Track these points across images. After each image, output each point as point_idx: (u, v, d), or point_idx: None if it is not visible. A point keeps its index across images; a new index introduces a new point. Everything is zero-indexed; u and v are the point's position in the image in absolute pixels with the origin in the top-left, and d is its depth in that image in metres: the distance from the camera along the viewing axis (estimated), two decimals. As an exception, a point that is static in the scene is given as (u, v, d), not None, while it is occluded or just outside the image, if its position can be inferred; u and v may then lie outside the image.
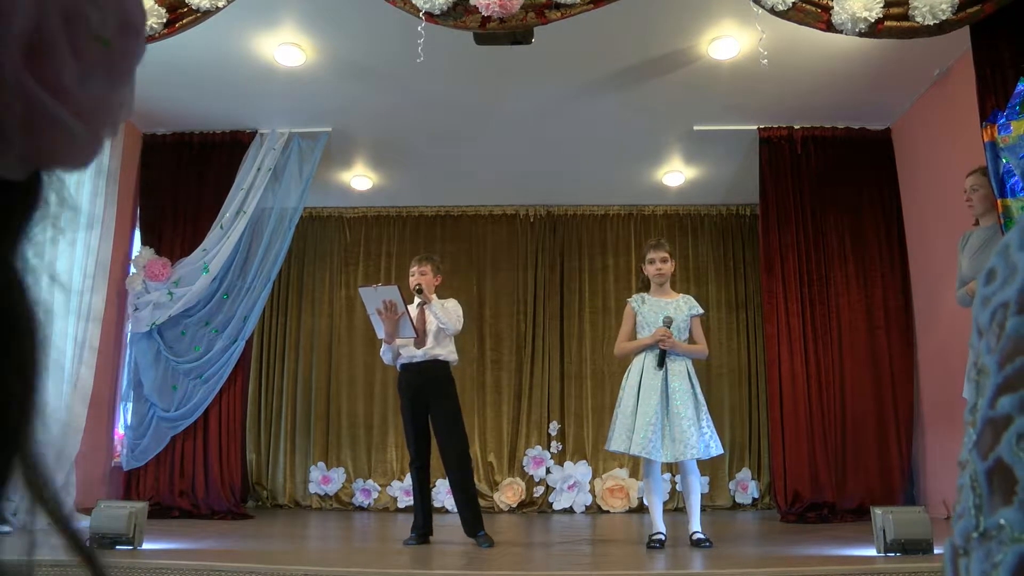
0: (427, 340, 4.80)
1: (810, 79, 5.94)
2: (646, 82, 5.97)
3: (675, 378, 4.63)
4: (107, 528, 3.98)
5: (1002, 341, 0.34)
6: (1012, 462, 0.32)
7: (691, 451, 4.48)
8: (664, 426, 4.55)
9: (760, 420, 7.88)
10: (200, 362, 6.51)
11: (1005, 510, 0.32)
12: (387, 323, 4.67)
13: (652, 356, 4.69)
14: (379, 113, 6.49)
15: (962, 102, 5.20)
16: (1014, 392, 0.33)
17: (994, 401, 0.34)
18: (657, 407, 4.56)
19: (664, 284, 4.88)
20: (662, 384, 4.62)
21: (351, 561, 3.98)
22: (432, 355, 4.80)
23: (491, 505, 7.73)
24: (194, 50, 5.47)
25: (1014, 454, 0.32)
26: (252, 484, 7.96)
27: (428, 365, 4.80)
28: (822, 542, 4.64)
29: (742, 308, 8.23)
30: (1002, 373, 0.34)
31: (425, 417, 4.79)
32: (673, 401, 4.57)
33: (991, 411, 0.34)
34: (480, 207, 8.47)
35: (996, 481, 0.33)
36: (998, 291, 0.35)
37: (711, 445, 4.58)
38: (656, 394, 4.59)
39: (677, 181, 7.79)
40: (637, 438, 4.51)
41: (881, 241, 6.59)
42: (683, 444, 4.49)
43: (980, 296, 0.36)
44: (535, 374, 8.12)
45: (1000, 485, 0.32)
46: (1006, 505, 0.32)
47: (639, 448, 4.49)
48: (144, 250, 6.64)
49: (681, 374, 4.65)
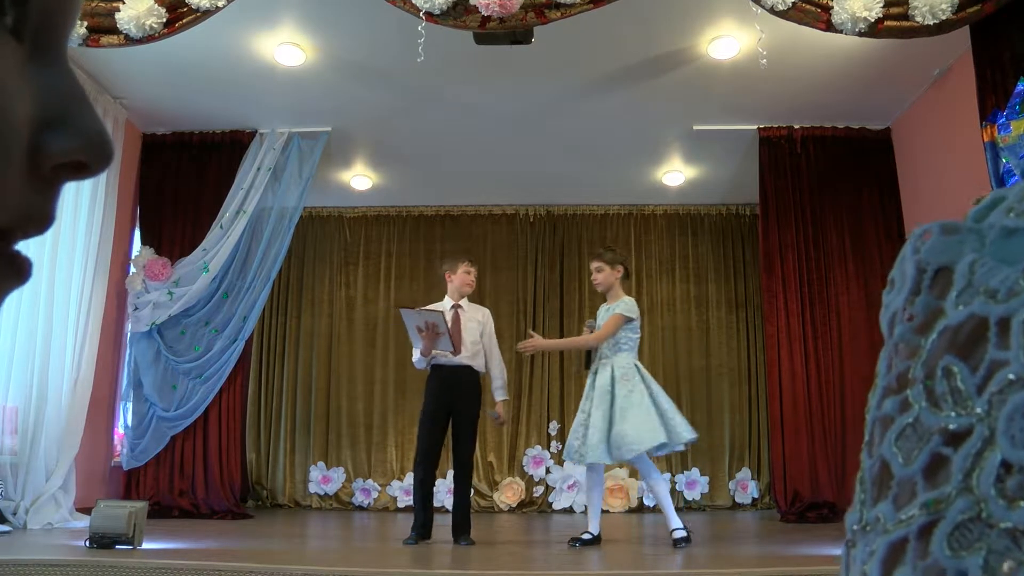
0: (463, 350, 4.82)
1: (810, 79, 5.94)
2: (646, 82, 5.97)
3: (596, 381, 4.75)
4: (107, 528, 3.97)
5: (888, 346, 0.37)
6: (890, 459, 0.34)
7: (591, 455, 4.57)
8: (586, 428, 4.66)
9: (760, 420, 7.89)
10: (200, 362, 6.51)
11: (881, 504, 0.34)
12: (427, 341, 4.69)
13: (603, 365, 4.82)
14: (379, 113, 6.48)
15: (962, 102, 5.20)
16: (896, 394, 0.35)
17: (880, 403, 0.36)
18: (582, 412, 4.73)
19: (606, 293, 4.95)
20: (588, 389, 4.77)
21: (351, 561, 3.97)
22: (467, 363, 4.82)
23: (491, 505, 7.74)
24: (194, 50, 5.47)
25: (892, 452, 0.34)
26: (252, 484, 7.96)
27: (460, 370, 4.82)
28: (822, 542, 4.64)
29: (742, 308, 8.24)
30: (889, 375, 0.36)
31: (446, 420, 4.79)
32: (595, 402, 4.68)
33: (878, 412, 0.36)
34: (480, 207, 8.47)
35: (878, 478, 0.35)
36: (893, 299, 0.37)
37: (620, 448, 4.52)
38: (586, 401, 4.76)
39: (677, 181, 7.79)
40: (569, 444, 4.75)
41: (881, 241, 6.59)
42: (592, 448, 4.58)
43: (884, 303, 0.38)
44: (535, 374, 8.13)
45: (881, 481, 0.35)
46: (883, 500, 0.34)
47: (566, 453, 4.76)
48: (144, 250, 6.64)
49: (602, 376, 4.73)
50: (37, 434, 5.35)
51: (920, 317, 0.35)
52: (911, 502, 0.32)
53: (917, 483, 0.32)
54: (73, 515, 5.49)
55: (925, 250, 0.36)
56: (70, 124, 0.40)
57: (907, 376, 0.35)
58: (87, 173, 0.42)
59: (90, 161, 0.42)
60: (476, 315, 4.97)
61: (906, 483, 0.33)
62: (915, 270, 0.36)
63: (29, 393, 5.32)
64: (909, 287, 0.36)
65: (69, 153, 0.40)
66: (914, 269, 0.36)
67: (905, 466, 0.33)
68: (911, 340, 0.35)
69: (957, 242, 0.36)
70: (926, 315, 0.35)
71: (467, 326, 4.87)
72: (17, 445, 5.26)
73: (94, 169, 0.42)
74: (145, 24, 4.56)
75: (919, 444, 0.33)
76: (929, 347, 0.34)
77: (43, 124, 0.40)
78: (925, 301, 0.35)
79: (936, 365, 0.33)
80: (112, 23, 4.63)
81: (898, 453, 0.34)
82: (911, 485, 0.33)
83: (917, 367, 0.34)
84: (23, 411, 5.31)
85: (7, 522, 5.03)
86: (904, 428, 0.34)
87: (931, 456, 0.32)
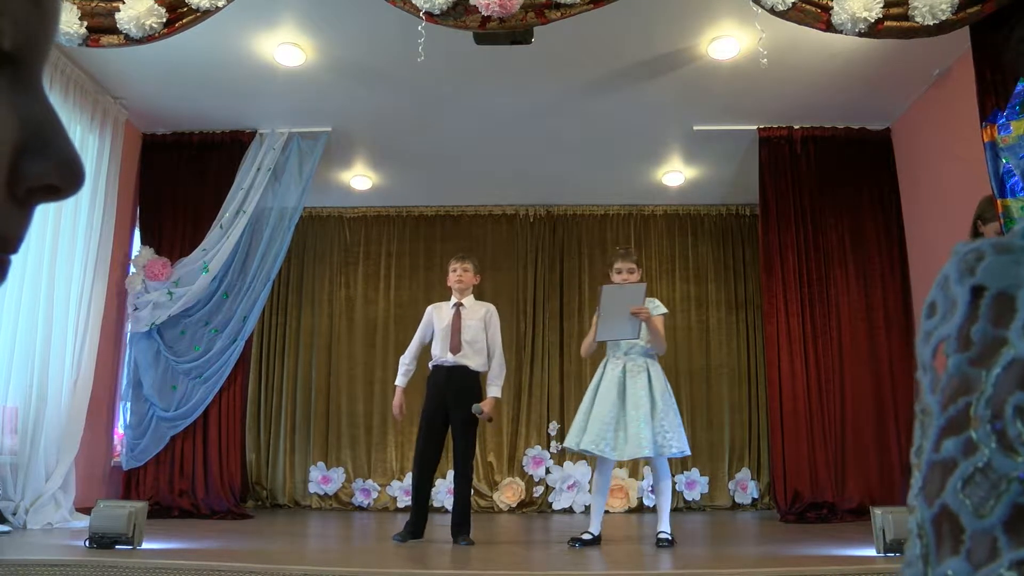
0: (461, 348, 4.82)
1: (810, 79, 5.94)
2: (646, 82, 5.98)
3: (632, 376, 4.65)
4: (107, 528, 3.97)
5: (943, 380, 0.34)
6: (958, 509, 0.31)
7: (643, 450, 4.49)
8: (619, 425, 4.57)
9: (760, 420, 7.89)
10: (200, 362, 6.50)
11: (952, 560, 0.31)
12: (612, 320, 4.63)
13: (616, 359, 4.75)
14: (379, 113, 6.49)
15: (962, 102, 5.20)
16: (957, 435, 0.32)
17: (938, 444, 0.33)
18: (612, 405, 4.60)
19: None
20: (619, 383, 4.65)
21: (351, 561, 3.97)
22: (463, 363, 4.83)
23: (491, 505, 7.74)
24: (194, 50, 5.47)
25: (959, 500, 0.31)
26: (252, 484, 7.95)
27: (458, 370, 4.83)
28: (822, 542, 4.64)
29: (742, 308, 8.24)
30: (945, 415, 0.33)
31: (444, 420, 4.80)
32: (629, 400, 4.59)
33: (935, 455, 0.33)
34: (480, 207, 8.47)
35: (942, 529, 0.32)
36: (938, 326, 0.34)
37: (671, 445, 4.54)
38: (612, 392, 4.63)
39: (677, 181, 7.79)
40: (589, 435, 4.56)
41: (881, 241, 6.59)
42: (635, 443, 4.50)
43: (922, 331, 0.35)
44: (535, 374, 8.13)
45: (947, 533, 0.31)
46: (953, 555, 0.31)
47: (590, 443, 4.53)
48: (144, 250, 6.64)
49: (638, 372, 4.67)
50: (37, 434, 5.35)
51: (978, 347, 0.32)
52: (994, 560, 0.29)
53: (998, 538, 0.30)
54: (73, 515, 5.49)
55: (982, 272, 0.33)
56: (46, 149, 0.41)
57: (968, 414, 0.32)
58: (59, 196, 0.43)
59: (63, 185, 0.42)
60: (478, 313, 4.97)
61: (982, 537, 0.30)
62: (968, 295, 0.33)
63: (29, 393, 5.32)
64: (963, 313, 0.33)
65: (43, 177, 0.41)
66: (968, 294, 0.33)
67: (979, 518, 0.30)
68: (968, 373, 0.32)
69: (1014, 262, 0.33)
70: (985, 345, 0.32)
71: (467, 324, 4.88)
72: (17, 445, 5.26)
73: (66, 193, 0.43)
74: (145, 24, 4.56)
75: (993, 493, 0.30)
76: (993, 382, 0.31)
77: (22, 149, 0.40)
78: (984, 330, 0.32)
79: (1005, 403, 0.30)
80: (112, 23, 4.63)
81: (967, 502, 0.31)
82: (990, 540, 0.30)
83: (980, 404, 0.31)
84: (23, 411, 5.31)
85: (7, 522, 5.03)
86: (971, 474, 0.31)
87: (1012, 508, 0.29)
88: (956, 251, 0.34)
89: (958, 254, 0.34)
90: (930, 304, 0.35)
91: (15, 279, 5.19)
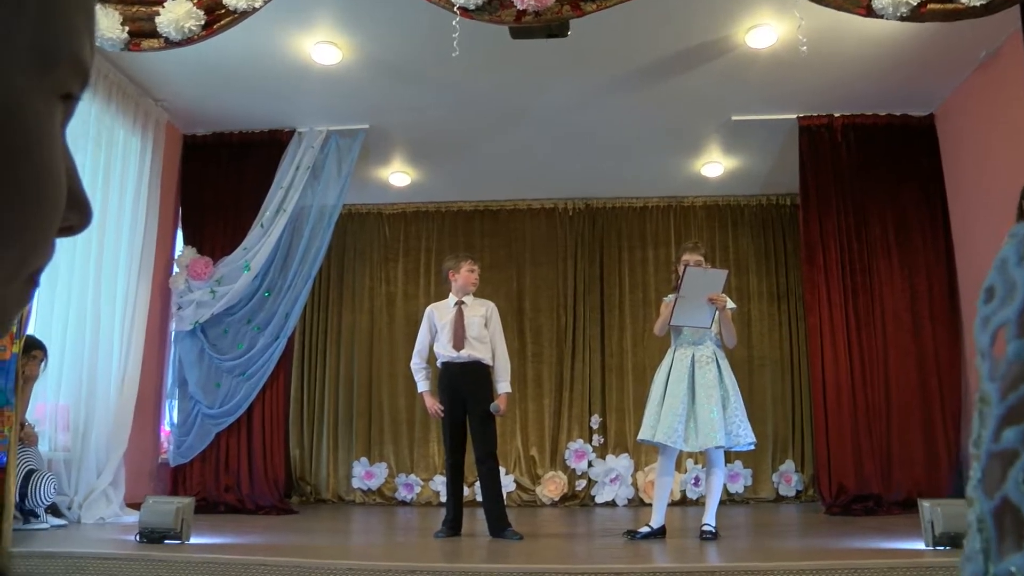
0: (465, 344, 4.84)
1: (850, 66, 5.85)
2: (683, 72, 5.92)
3: (702, 367, 4.60)
4: (156, 523, 4.04)
5: (1002, 367, 0.32)
6: (1020, 501, 0.30)
7: (716, 439, 4.44)
8: (689, 416, 4.53)
9: (803, 412, 7.81)
10: (243, 359, 6.58)
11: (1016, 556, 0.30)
12: None
13: (684, 348, 4.68)
14: (416, 109, 6.50)
15: (1010, 85, 5.08)
16: (1019, 423, 0.31)
17: (997, 434, 0.32)
18: (684, 396, 4.54)
19: None
20: (688, 374, 4.59)
21: (394, 555, 4.01)
22: (474, 357, 4.85)
23: (533, 499, 7.75)
24: (232, 51, 5.53)
25: (1021, 492, 0.30)
26: (296, 479, 8.04)
27: (470, 365, 4.86)
28: (869, 535, 4.58)
29: (784, 299, 8.15)
30: (1005, 403, 0.32)
31: (463, 415, 4.84)
32: (699, 390, 4.54)
33: (995, 445, 0.32)
34: (519, 201, 8.46)
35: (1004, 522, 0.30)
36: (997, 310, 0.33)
37: (739, 435, 4.51)
38: (683, 384, 4.58)
39: (716, 172, 7.72)
40: (662, 427, 4.51)
41: (925, 230, 6.47)
42: (707, 433, 4.46)
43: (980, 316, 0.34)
44: (576, 368, 8.11)
45: (1009, 527, 0.30)
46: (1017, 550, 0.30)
47: (663, 436, 4.48)
48: (187, 249, 6.74)
49: (708, 362, 4.61)
50: (88, 431, 5.46)
51: None
52: None
53: None
54: (123, 510, 5.60)
55: None
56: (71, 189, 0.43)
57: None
58: (69, 234, 0.45)
59: (78, 224, 0.45)
60: (480, 310, 5.00)
61: None
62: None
63: (79, 392, 5.43)
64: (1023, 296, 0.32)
65: (68, 219, 0.43)
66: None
67: None
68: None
69: None
70: None
71: (470, 321, 4.93)
72: (70, 442, 5.38)
73: (77, 231, 0.45)
74: (184, 27, 4.61)
75: None
76: None
77: None
78: None
79: None
80: (152, 27, 4.69)
81: None
82: None
83: None
84: (74, 409, 5.42)
85: (63, 516, 5.16)
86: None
87: None
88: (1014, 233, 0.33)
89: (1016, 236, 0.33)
90: (988, 288, 0.34)
91: (63, 281, 5.30)
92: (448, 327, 4.92)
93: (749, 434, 4.56)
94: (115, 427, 5.71)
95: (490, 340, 4.97)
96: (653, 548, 4.31)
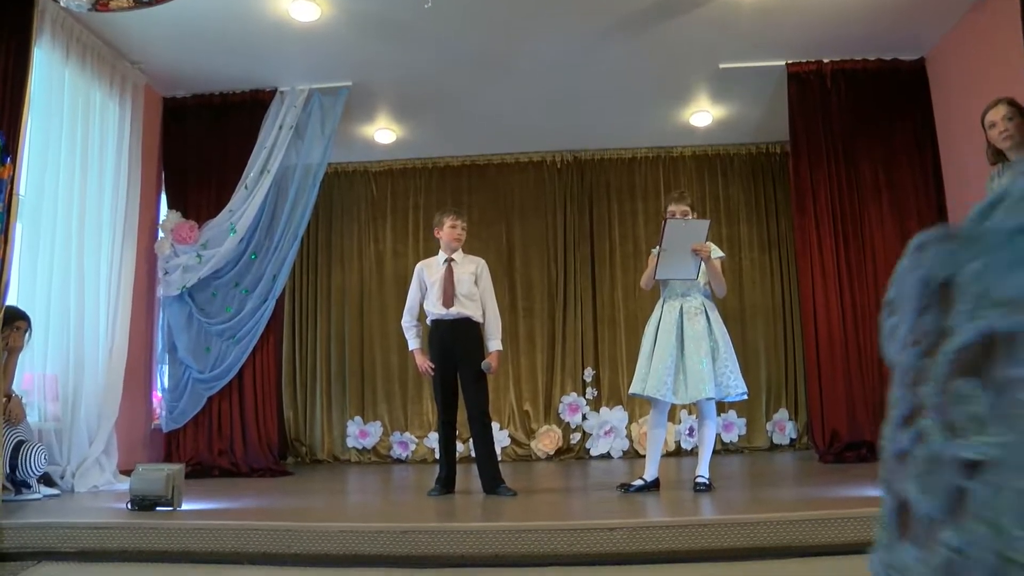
0: (455, 301, 4.81)
1: (838, 10, 5.75)
2: (669, 21, 5.82)
3: (690, 318, 4.57)
4: (146, 490, 4.03)
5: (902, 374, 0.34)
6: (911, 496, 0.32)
7: (706, 391, 4.43)
8: (679, 368, 4.51)
9: (796, 360, 7.83)
10: (232, 323, 6.55)
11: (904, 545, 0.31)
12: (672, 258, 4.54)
13: (672, 300, 4.65)
14: (399, 65, 6.40)
15: (1002, 28, 4.99)
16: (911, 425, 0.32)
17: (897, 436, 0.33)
18: (672, 349, 4.52)
19: None
20: (677, 326, 4.57)
21: (387, 516, 4.01)
22: (464, 315, 4.82)
23: (528, 454, 7.78)
24: (208, 10, 5.42)
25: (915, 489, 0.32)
26: (291, 441, 8.06)
27: (460, 323, 4.83)
28: (862, 483, 4.60)
29: (775, 247, 8.13)
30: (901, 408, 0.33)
31: (454, 373, 4.82)
32: (688, 342, 4.52)
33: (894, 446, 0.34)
34: (506, 155, 8.38)
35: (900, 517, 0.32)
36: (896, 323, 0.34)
37: (730, 386, 4.49)
38: (672, 336, 4.55)
39: (704, 121, 7.64)
40: (652, 380, 4.50)
41: (916, 175, 6.43)
42: (697, 385, 4.44)
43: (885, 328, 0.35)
44: (568, 321, 8.10)
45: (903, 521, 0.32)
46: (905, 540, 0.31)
47: (653, 389, 4.47)
48: (171, 214, 6.66)
49: (696, 313, 4.59)
50: (77, 401, 5.43)
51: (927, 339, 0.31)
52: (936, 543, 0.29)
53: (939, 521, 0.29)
54: (117, 478, 5.59)
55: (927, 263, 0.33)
56: None
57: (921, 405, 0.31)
58: None
59: None
60: (469, 267, 4.95)
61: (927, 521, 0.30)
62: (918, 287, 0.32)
63: (67, 361, 5.39)
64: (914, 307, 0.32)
65: None
66: (917, 286, 0.32)
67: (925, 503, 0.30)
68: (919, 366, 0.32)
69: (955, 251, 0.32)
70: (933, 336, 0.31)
71: (460, 279, 4.87)
72: (59, 411, 5.35)
73: None
74: (155, -14, 4.49)
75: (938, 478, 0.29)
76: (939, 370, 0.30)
77: None
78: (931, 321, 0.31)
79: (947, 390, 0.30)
80: (123, -14, 4.57)
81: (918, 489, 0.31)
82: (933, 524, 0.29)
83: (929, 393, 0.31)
84: (62, 378, 5.39)
85: (56, 485, 5.15)
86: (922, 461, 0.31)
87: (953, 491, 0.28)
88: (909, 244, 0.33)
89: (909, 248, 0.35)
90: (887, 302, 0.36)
91: (46, 251, 5.22)
92: (438, 284, 4.88)
93: (740, 384, 4.55)
94: (105, 395, 5.68)
95: (480, 297, 4.93)
96: (647, 501, 4.32)
